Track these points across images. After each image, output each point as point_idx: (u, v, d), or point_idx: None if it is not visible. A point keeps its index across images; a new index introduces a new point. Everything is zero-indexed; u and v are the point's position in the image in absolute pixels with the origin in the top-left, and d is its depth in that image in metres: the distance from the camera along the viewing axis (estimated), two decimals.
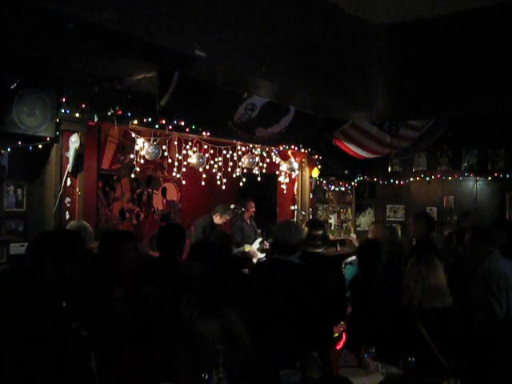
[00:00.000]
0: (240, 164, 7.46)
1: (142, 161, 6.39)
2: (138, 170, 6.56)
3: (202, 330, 2.88)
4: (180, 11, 3.36)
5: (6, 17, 3.37)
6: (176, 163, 6.82)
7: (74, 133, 5.50)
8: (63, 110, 5.40)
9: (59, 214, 5.46)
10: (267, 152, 7.89)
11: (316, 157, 8.69)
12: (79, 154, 5.54)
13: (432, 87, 4.85)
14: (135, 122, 5.97)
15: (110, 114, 5.73)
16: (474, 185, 9.04)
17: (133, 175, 6.87)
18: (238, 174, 7.49)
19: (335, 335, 4.32)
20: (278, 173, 8.35)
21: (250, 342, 3.05)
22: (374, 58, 4.98)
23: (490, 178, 8.84)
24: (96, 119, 5.71)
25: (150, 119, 6.01)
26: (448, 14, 4.60)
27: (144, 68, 5.13)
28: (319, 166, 8.70)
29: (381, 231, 6.31)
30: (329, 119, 7.29)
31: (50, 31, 3.61)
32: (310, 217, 8.39)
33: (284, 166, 8.22)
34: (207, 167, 7.08)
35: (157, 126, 6.12)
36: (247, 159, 7.44)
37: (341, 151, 8.66)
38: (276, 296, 3.42)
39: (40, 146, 5.38)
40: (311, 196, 8.72)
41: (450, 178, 9.17)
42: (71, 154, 5.46)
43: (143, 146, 6.27)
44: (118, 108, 5.73)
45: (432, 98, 4.93)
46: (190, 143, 6.93)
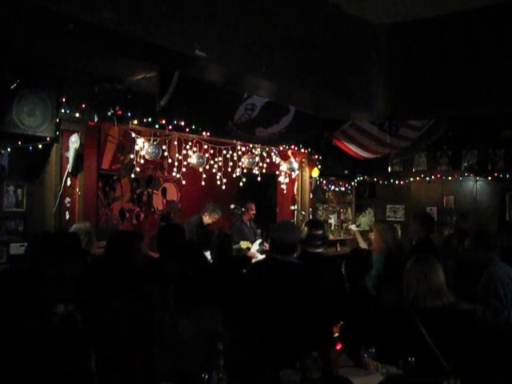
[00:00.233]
0: (240, 164, 7.47)
1: (142, 161, 6.39)
2: (138, 169, 6.57)
3: (181, 330, 2.88)
4: (180, 11, 3.35)
5: (5, 17, 3.37)
6: (176, 163, 6.83)
7: (73, 133, 5.51)
8: (63, 110, 5.41)
9: (59, 214, 5.46)
10: (267, 152, 7.90)
11: (316, 157, 8.69)
12: (79, 154, 5.54)
13: (432, 87, 4.84)
14: (135, 122, 5.97)
15: (109, 114, 5.73)
16: (474, 185, 9.05)
17: (133, 175, 6.87)
18: (238, 173, 7.49)
19: (335, 335, 4.32)
20: (278, 173, 8.35)
21: (228, 338, 3.06)
22: (374, 58, 4.97)
23: (490, 178, 8.85)
24: (96, 119, 5.71)
25: (150, 119, 6.02)
26: (448, 14, 4.60)
27: (144, 68, 5.13)
28: (319, 166, 8.71)
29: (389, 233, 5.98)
30: (329, 119, 7.29)
31: (50, 31, 3.61)
32: (310, 217, 8.39)
33: (284, 166, 8.23)
34: (207, 167, 7.08)
35: (157, 126, 6.13)
36: (247, 159, 7.45)
37: (341, 151, 8.66)
38: (274, 296, 3.41)
39: (40, 146, 5.38)
40: (311, 196, 8.73)
41: (450, 178, 9.17)
42: (71, 154, 5.46)
43: (143, 146, 6.28)
44: (117, 108, 5.73)
45: (432, 97, 4.92)
46: (190, 143, 6.93)
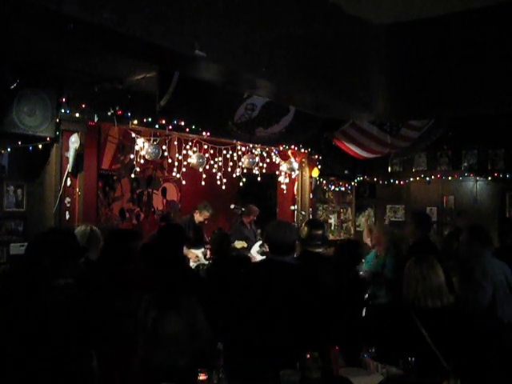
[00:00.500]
0: (240, 164, 7.47)
1: (142, 161, 6.39)
2: (138, 169, 6.57)
3: (166, 328, 2.88)
4: (180, 11, 3.35)
5: (6, 17, 3.37)
6: (176, 163, 6.83)
7: (73, 133, 5.51)
8: (63, 110, 5.41)
9: (59, 214, 5.46)
10: (267, 152, 7.90)
11: (316, 157, 8.69)
12: (79, 154, 5.54)
13: (432, 87, 4.84)
14: (135, 122, 5.98)
15: (109, 114, 5.74)
16: (474, 185, 9.04)
17: (133, 175, 6.87)
18: (238, 173, 7.49)
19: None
20: (278, 173, 8.35)
21: (210, 333, 3.06)
22: (374, 58, 4.97)
23: (490, 178, 8.84)
24: (96, 119, 5.71)
25: (150, 119, 6.02)
26: (448, 14, 4.60)
27: (144, 68, 5.13)
28: (319, 166, 8.71)
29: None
30: (329, 119, 7.29)
31: (50, 31, 3.61)
32: (310, 217, 8.39)
33: (284, 166, 8.23)
34: (207, 167, 7.09)
35: (157, 126, 6.13)
36: (247, 159, 7.45)
37: (341, 151, 8.66)
38: (270, 296, 3.40)
39: (40, 146, 5.38)
40: (311, 196, 8.73)
41: (450, 178, 9.17)
42: (71, 154, 5.46)
43: (143, 146, 6.28)
44: (118, 108, 5.74)
45: (432, 97, 4.92)
46: (190, 143, 6.93)
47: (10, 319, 2.33)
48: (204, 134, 6.66)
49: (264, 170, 7.81)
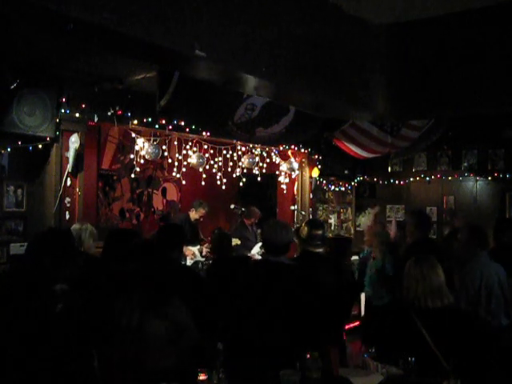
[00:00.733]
0: (240, 164, 7.47)
1: (142, 161, 6.39)
2: (138, 169, 6.57)
3: (150, 330, 2.87)
4: (180, 11, 3.36)
5: (5, 17, 3.37)
6: (176, 163, 6.83)
7: (73, 133, 5.51)
8: (63, 110, 5.41)
9: (59, 214, 5.46)
10: (267, 152, 7.89)
11: (316, 157, 8.69)
12: (79, 154, 5.54)
13: (432, 87, 4.85)
14: (135, 122, 5.97)
15: (109, 114, 5.74)
16: (474, 185, 9.04)
17: (133, 175, 6.87)
18: (238, 173, 7.49)
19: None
20: (278, 173, 8.35)
21: (195, 333, 3.06)
22: (374, 57, 4.98)
23: (490, 178, 8.84)
24: (96, 119, 5.71)
25: (150, 119, 6.02)
26: (448, 14, 4.60)
27: (144, 68, 5.13)
28: (319, 166, 8.70)
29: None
30: (329, 119, 7.29)
31: (50, 31, 3.62)
32: (310, 217, 8.39)
33: (284, 166, 8.22)
34: (207, 167, 7.08)
35: (157, 126, 6.13)
36: (247, 159, 7.44)
37: (341, 151, 8.66)
38: (265, 296, 3.40)
39: (40, 146, 5.38)
40: (311, 196, 8.73)
41: (450, 178, 9.17)
42: (71, 154, 5.46)
43: (143, 146, 6.28)
44: (117, 108, 5.74)
45: (432, 97, 4.92)
46: (190, 143, 6.93)
47: (10, 319, 2.33)
48: (204, 134, 6.66)
49: (264, 170, 7.81)
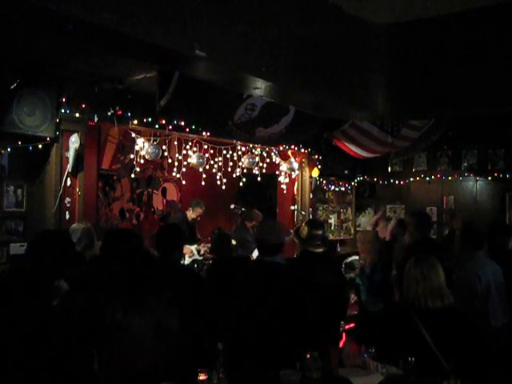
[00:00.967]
0: (240, 164, 7.47)
1: (142, 161, 6.39)
2: (138, 169, 6.57)
3: (134, 328, 2.86)
4: (180, 11, 3.36)
5: (5, 17, 3.37)
6: (176, 163, 6.83)
7: (73, 133, 5.51)
8: (63, 110, 5.41)
9: (59, 214, 5.46)
10: (267, 152, 7.89)
11: (316, 157, 8.69)
12: (79, 153, 5.54)
13: (432, 87, 4.85)
14: (135, 122, 5.97)
15: (109, 114, 5.73)
16: (474, 185, 9.04)
17: (133, 175, 6.87)
18: (238, 173, 7.49)
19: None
20: (278, 173, 8.35)
21: (179, 339, 3.05)
22: (374, 57, 4.98)
23: (490, 178, 8.84)
24: (96, 119, 5.71)
25: (150, 119, 6.02)
26: (448, 14, 4.60)
27: (144, 68, 5.13)
28: (319, 166, 8.70)
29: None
30: (329, 119, 7.29)
31: (50, 31, 3.61)
32: (310, 217, 8.39)
33: (284, 166, 8.23)
34: (207, 167, 7.08)
35: (157, 126, 6.12)
36: (247, 159, 7.45)
37: (341, 151, 8.66)
38: (267, 296, 3.40)
39: (40, 146, 5.38)
40: (311, 196, 8.73)
41: (450, 178, 9.17)
42: (71, 154, 5.46)
43: (143, 146, 6.28)
44: (117, 108, 5.73)
45: (432, 97, 4.92)
46: (190, 143, 6.94)
47: (10, 319, 2.33)
48: (204, 134, 6.65)
49: (264, 170, 7.81)
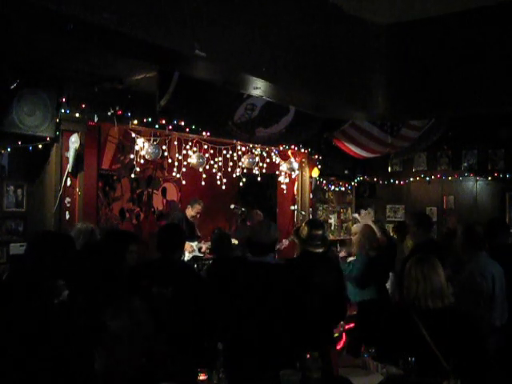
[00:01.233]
0: (240, 164, 7.46)
1: (142, 161, 6.39)
2: (138, 169, 6.56)
3: (113, 328, 2.86)
4: (180, 11, 3.36)
5: (6, 17, 3.37)
6: (176, 163, 6.82)
7: (74, 133, 5.51)
8: (63, 110, 5.40)
9: (59, 214, 5.46)
10: (267, 152, 7.89)
11: (316, 157, 8.69)
12: (79, 154, 5.54)
13: (432, 87, 4.85)
14: (135, 121, 5.97)
15: (109, 114, 5.73)
16: (474, 185, 9.04)
17: (133, 175, 6.87)
18: (238, 173, 7.49)
19: (335, 335, 4.32)
20: (278, 173, 8.35)
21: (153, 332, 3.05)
22: (374, 57, 4.98)
23: (490, 178, 8.84)
24: (96, 119, 5.71)
25: (150, 119, 6.02)
26: (448, 14, 4.61)
27: (144, 68, 5.13)
28: (319, 166, 8.70)
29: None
30: (329, 119, 7.29)
31: (50, 31, 3.61)
32: (310, 217, 8.39)
33: (284, 166, 8.22)
34: (207, 167, 7.08)
35: (157, 126, 6.12)
36: (247, 159, 7.44)
37: (341, 151, 8.66)
38: (267, 296, 3.39)
39: (40, 146, 5.38)
40: (311, 196, 8.72)
41: (450, 178, 9.17)
42: (71, 154, 5.46)
43: (143, 146, 6.27)
44: (117, 108, 5.73)
45: (432, 97, 4.92)
46: (190, 143, 6.93)
47: (10, 319, 2.33)
48: (204, 133, 6.65)
49: (264, 170, 7.81)
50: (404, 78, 4.96)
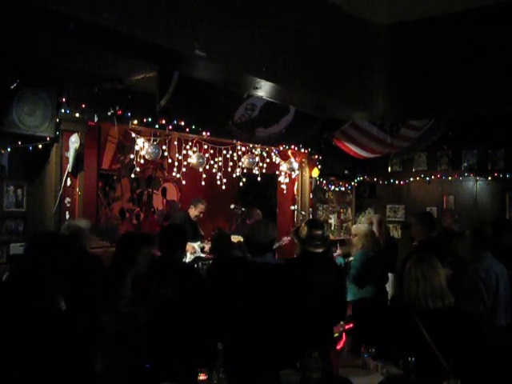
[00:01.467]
0: (240, 164, 7.46)
1: (142, 161, 6.39)
2: (138, 169, 6.56)
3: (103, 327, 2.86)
4: (180, 11, 3.36)
5: (5, 17, 3.37)
6: (176, 163, 6.82)
7: (73, 133, 5.51)
8: (63, 110, 5.40)
9: (59, 214, 5.46)
10: (267, 152, 7.89)
11: (316, 157, 8.69)
12: (79, 154, 5.54)
13: (432, 87, 4.85)
14: (135, 121, 5.97)
15: (109, 114, 5.73)
16: (474, 185, 9.04)
17: (133, 175, 6.87)
18: (238, 173, 7.49)
19: (335, 335, 4.32)
20: (278, 173, 8.35)
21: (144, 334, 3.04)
22: (374, 57, 4.98)
23: (490, 178, 8.84)
24: (96, 119, 5.71)
25: (150, 119, 6.02)
26: (448, 14, 4.61)
27: (144, 68, 5.13)
28: (319, 166, 8.70)
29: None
30: (329, 119, 7.29)
31: (50, 31, 3.62)
32: (310, 217, 8.39)
33: (284, 166, 8.22)
34: (207, 167, 7.08)
35: (157, 126, 6.12)
36: (247, 159, 7.44)
37: (341, 151, 8.65)
38: (267, 296, 3.40)
39: (40, 146, 5.38)
40: (311, 196, 8.72)
41: (450, 178, 9.16)
42: (71, 154, 5.46)
43: (143, 146, 6.27)
44: (117, 108, 5.73)
45: (432, 97, 4.93)
46: (190, 143, 6.93)
47: (10, 319, 2.33)
48: (204, 133, 6.65)
49: (264, 170, 7.81)
50: (404, 78, 4.96)
